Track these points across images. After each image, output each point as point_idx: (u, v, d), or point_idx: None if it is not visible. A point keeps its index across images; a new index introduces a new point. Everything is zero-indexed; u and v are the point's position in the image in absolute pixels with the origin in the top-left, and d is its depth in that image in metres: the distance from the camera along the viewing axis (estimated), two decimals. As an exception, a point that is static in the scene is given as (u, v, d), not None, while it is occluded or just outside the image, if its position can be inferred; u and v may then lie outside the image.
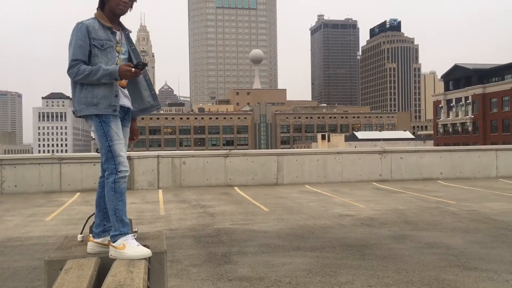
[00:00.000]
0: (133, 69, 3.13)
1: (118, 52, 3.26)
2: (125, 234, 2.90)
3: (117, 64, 3.22)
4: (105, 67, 3.16)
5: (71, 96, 3.30)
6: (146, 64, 3.15)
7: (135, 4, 3.34)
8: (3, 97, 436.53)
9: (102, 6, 3.31)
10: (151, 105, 3.44)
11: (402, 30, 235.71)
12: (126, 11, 3.29)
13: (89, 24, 3.22)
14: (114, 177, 3.03)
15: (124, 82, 3.29)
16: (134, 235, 2.99)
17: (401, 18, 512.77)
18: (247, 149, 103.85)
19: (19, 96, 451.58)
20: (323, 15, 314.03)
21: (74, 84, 3.17)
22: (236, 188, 11.74)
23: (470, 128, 66.69)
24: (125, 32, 3.42)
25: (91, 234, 3.07)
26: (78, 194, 10.85)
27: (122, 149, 3.14)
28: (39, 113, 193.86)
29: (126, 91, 3.37)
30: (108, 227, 3.05)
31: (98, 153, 3.22)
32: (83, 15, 3.60)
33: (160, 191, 11.43)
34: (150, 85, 3.51)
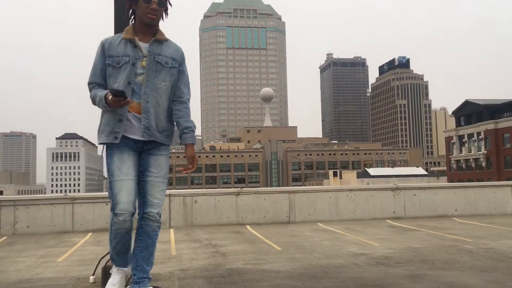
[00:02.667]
0: (110, 96, 2.77)
1: (144, 67, 2.92)
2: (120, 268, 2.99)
3: (137, 83, 2.92)
4: (101, 92, 2.87)
5: None
6: (121, 92, 2.75)
7: (170, 11, 3.01)
8: (18, 138, 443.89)
9: (134, 18, 3.05)
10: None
11: (411, 67, 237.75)
12: (158, 20, 2.96)
13: (109, 40, 2.99)
14: (111, 217, 2.89)
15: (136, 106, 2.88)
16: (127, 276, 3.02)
17: (410, 55, 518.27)
18: (258, 186, 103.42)
19: (34, 137, 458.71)
20: (331, 54, 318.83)
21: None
22: (247, 226, 11.62)
23: (483, 164, 65.96)
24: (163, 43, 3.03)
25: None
26: (90, 234, 10.81)
27: (123, 187, 2.83)
28: (53, 153, 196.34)
29: (150, 118, 2.92)
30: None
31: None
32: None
33: (172, 230, 11.36)
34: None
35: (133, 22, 3.01)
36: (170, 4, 3.05)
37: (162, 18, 3.04)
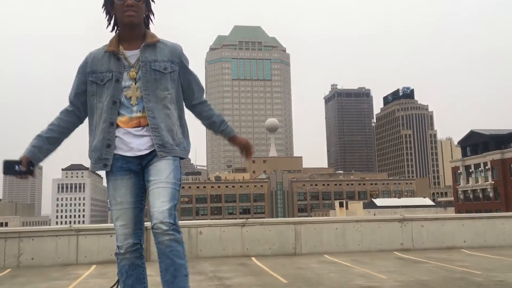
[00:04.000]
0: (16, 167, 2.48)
1: (132, 78, 2.58)
2: None
3: (127, 96, 2.57)
4: (33, 140, 2.64)
5: None
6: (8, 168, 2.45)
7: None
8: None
9: (115, 24, 2.67)
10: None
11: (416, 97, 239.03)
12: (139, 17, 2.57)
13: (93, 54, 2.66)
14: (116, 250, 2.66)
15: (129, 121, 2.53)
16: None
17: (414, 86, 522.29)
18: (264, 217, 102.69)
19: (40, 168, 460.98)
20: (336, 85, 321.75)
21: None
22: (253, 258, 11.48)
23: (491, 194, 65.33)
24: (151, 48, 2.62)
25: None
26: (94, 266, 10.72)
27: (119, 217, 2.58)
28: (58, 184, 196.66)
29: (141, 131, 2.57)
30: None
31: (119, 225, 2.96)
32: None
33: (177, 262, 11.16)
34: None
35: (117, 30, 2.66)
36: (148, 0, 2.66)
37: (149, 18, 2.72)
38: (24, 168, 2.52)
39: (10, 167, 2.47)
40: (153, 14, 2.74)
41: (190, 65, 2.78)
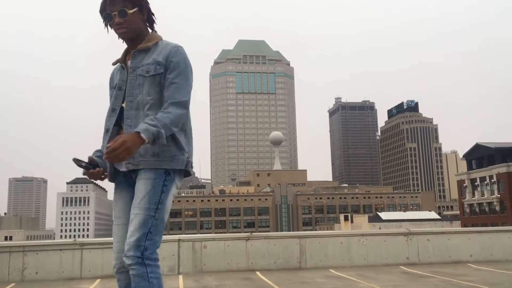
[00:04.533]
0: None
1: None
2: None
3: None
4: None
5: None
6: (77, 161, 2.42)
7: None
8: (29, 183, 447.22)
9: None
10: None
11: (420, 110, 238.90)
12: (130, 31, 2.50)
13: (113, 68, 2.68)
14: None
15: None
16: None
17: (418, 99, 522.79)
18: (268, 231, 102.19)
19: (45, 181, 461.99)
20: (340, 98, 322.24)
21: None
22: (257, 272, 11.41)
23: (497, 208, 64.82)
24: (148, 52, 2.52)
25: None
26: (98, 280, 10.68)
27: (114, 234, 2.51)
28: (63, 198, 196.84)
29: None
30: None
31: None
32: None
33: (181, 276, 11.18)
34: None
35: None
36: (139, 2, 2.53)
37: (150, 20, 2.60)
38: (88, 165, 2.45)
39: (78, 164, 2.44)
40: (153, 14, 2.61)
41: (184, 69, 2.48)
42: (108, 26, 2.54)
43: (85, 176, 2.48)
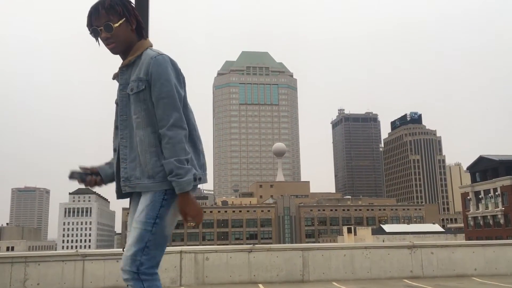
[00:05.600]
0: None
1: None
2: None
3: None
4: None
5: None
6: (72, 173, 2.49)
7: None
8: (32, 193, 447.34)
9: None
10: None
11: (423, 122, 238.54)
12: (118, 45, 2.40)
13: None
14: None
15: None
16: None
17: (422, 111, 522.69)
18: (271, 242, 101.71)
19: (47, 192, 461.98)
20: (343, 109, 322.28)
21: None
22: (260, 285, 11.33)
23: (501, 221, 64.40)
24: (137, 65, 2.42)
25: None
26: (99, 292, 10.63)
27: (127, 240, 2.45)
28: (65, 208, 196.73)
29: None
30: None
31: (122, 249, 2.73)
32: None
33: (183, 288, 11.11)
34: None
35: None
36: (124, 13, 2.40)
37: (140, 28, 2.47)
38: (83, 175, 2.49)
39: (72, 176, 2.48)
40: (141, 23, 2.48)
41: (165, 81, 2.33)
42: (99, 40, 2.46)
43: (86, 186, 2.51)
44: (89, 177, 2.49)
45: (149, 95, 2.33)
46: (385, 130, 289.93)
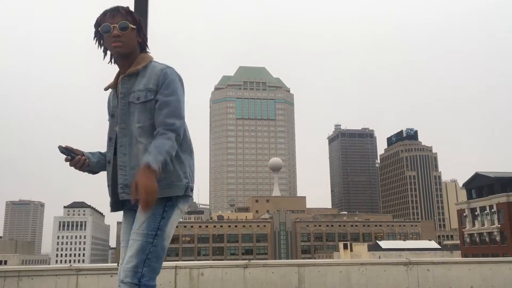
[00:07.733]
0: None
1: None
2: None
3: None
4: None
5: None
6: (62, 149, 2.46)
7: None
8: (26, 207, 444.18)
9: (111, 55, 2.56)
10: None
11: (419, 139, 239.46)
12: (126, 47, 2.44)
13: (110, 93, 2.63)
14: None
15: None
16: None
17: (417, 127, 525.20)
18: (266, 258, 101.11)
19: (42, 205, 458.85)
20: (340, 125, 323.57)
21: None
22: (255, 301, 11.21)
23: (497, 238, 64.34)
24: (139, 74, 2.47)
25: None
26: (92, 307, 10.51)
27: (121, 254, 2.45)
28: (60, 222, 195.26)
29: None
30: None
31: (117, 264, 2.82)
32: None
33: (177, 304, 10.98)
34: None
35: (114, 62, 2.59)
36: (138, 23, 2.49)
37: (144, 43, 2.54)
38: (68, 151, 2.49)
39: (62, 150, 2.49)
40: (146, 41, 2.56)
41: (173, 90, 2.41)
42: (101, 41, 2.51)
43: (72, 166, 2.50)
44: (78, 157, 2.49)
45: (154, 104, 2.42)
46: (381, 146, 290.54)
